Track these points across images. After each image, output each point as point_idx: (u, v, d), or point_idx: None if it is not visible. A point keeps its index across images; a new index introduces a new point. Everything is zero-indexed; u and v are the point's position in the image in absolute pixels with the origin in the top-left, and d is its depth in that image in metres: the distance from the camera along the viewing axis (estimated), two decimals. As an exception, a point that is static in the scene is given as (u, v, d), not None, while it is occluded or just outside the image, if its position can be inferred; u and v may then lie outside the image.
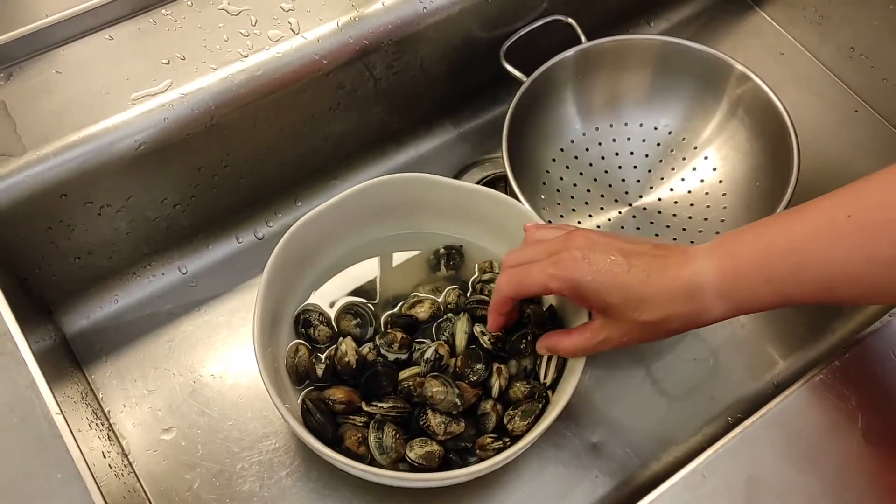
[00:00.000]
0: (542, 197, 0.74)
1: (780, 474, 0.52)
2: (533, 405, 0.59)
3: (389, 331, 0.63)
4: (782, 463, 0.53)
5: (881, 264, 0.43)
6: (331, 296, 0.66)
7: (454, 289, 0.66)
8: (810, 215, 0.46)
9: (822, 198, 0.47)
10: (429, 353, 0.61)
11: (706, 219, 0.73)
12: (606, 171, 0.77)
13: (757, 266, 0.47)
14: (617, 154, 0.77)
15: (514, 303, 0.57)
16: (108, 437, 0.62)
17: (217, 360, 0.68)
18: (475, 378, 0.60)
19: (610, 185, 0.76)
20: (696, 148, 0.76)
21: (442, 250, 0.68)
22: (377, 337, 0.63)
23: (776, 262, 0.46)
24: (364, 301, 0.66)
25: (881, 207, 0.43)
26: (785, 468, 0.52)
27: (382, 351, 0.62)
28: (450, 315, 0.64)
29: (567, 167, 0.76)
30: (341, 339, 0.62)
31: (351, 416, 0.59)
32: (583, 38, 0.74)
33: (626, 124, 0.78)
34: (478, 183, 0.75)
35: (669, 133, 0.78)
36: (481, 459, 0.57)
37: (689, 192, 0.75)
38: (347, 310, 0.65)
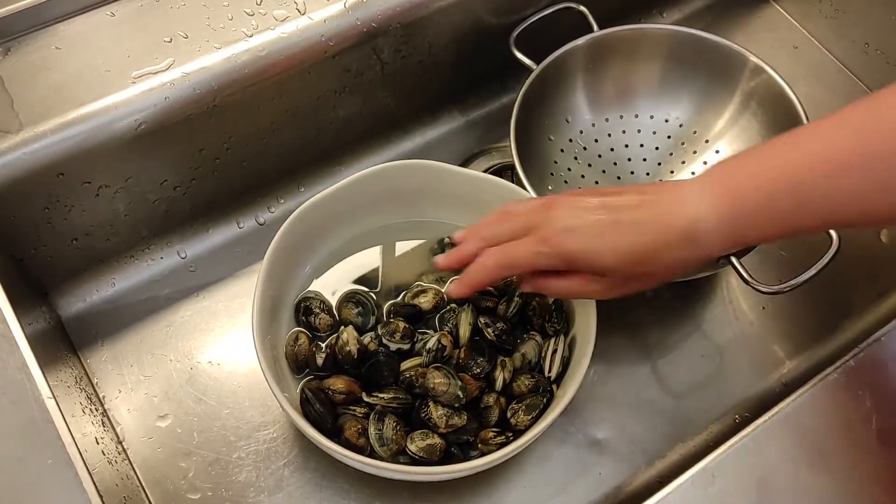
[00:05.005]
0: (550, 188, 0.73)
1: (791, 474, 0.51)
2: (537, 399, 0.58)
3: (392, 320, 0.62)
4: (794, 463, 0.52)
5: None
6: (332, 284, 0.65)
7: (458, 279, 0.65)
8: (812, 147, 0.44)
9: (820, 123, 0.44)
10: (431, 343, 0.59)
11: (716, 213, 0.72)
12: (615, 163, 0.75)
13: (759, 206, 0.45)
14: (626, 146, 0.76)
15: (496, 281, 0.54)
16: (102, 423, 0.61)
17: (215, 347, 0.67)
18: (478, 371, 0.59)
19: (619, 178, 0.74)
20: (707, 141, 0.75)
21: (447, 240, 0.67)
22: (379, 326, 0.61)
23: (778, 201, 0.44)
24: (366, 290, 0.65)
25: (892, 132, 0.41)
26: (797, 468, 0.51)
27: (384, 340, 0.61)
28: (454, 306, 0.63)
29: (576, 158, 0.75)
30: (342, 328, 0.61)
31: (351, 407, 0.58)
32: (594, 27, 0.73)
33: (636, 116, 0.77)
34: (485, 172, 0.73)
35: (680, 126, 0.76)
36: (483, 453, 0.56)
37: (700, 185, 0.74)
38: (349, 298, 0.63)
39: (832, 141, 0.43)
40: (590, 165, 0.75)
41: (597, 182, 0.74)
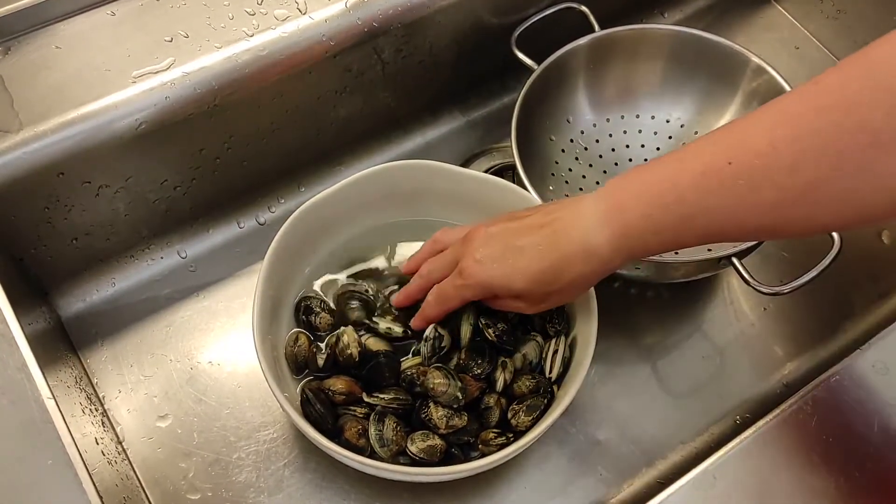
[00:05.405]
0: (551, 188, 0.73)
1: (793, 477, 0.51)
2: (538, 400, 0.58)
3: (388, 306, 0.62)
4: (796, 465, 0.51)
5: (767, 207, 0.43)
6: (333, 283, 0.65)
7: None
8: (692, 163, 0.45)
9: (701, 141, 0.46)
10: (428, 331, 0.59)
11: (718, 214, 0.72)
12: (617, 164, 0.75)
13: (645, 221, 0.47)
14: (627, 146, 0.76)
15: (444, 314, 0.59)
16: (102, 424, 0.61)
17: (215, 347, 0.67)
18: (479, 371, 0.59)
19: (620, 178, 0.74)
20: (708, 141, 0.75)
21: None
22: (375, 314, 0.62)
23: (663, 214, 0.46)
24: (366, 288, 0.65)
25: (759, 154, 0.42)
26: (798, 470, 0.51)
27: (374, 318, 0.61)
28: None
29: (577, 158, 0.75)
30: (343, 329, 0.61)
31: (351, 407, 0.58)
32: (596, 27, 0.73)
33: (637, 116, 0.77)
34: (485, 172, 0.73)
35: (682, 126, 0.76)
36: (483, 454, 0.56)
37: (701, 186, 0.74)
38: (350, 297, 0.63)
39: (711, 156, 0.45)
40: (591, 166, 0.75)
41: (598, 182, 0.74)
